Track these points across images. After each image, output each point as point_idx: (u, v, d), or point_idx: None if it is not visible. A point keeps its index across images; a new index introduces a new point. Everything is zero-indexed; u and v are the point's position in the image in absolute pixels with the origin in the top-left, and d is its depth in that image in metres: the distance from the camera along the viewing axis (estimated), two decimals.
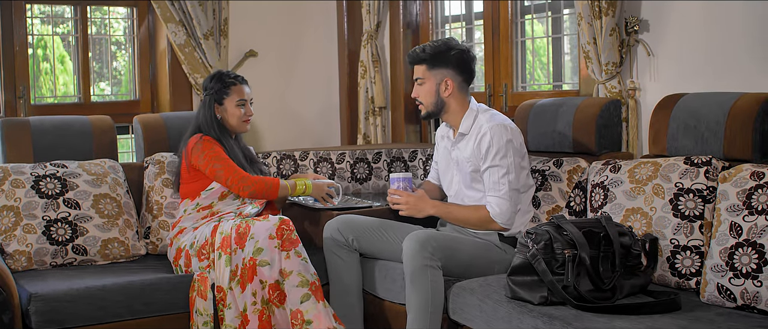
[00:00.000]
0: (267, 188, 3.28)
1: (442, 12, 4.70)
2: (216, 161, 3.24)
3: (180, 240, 3.23)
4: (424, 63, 3.11)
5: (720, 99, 2.84)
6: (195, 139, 3.30)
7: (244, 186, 3.24)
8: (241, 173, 3.26)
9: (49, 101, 4.33)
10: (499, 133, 3.00)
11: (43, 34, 4.35)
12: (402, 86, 4.69)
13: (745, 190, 2.52)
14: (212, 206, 3.30)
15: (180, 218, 3.30)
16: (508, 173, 2.99)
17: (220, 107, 3.37)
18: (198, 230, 3.21)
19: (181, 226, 3.27)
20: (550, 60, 4.12)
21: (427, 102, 3.12)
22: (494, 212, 3.00)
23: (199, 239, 3.15)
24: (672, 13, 3.32)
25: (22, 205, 3.15)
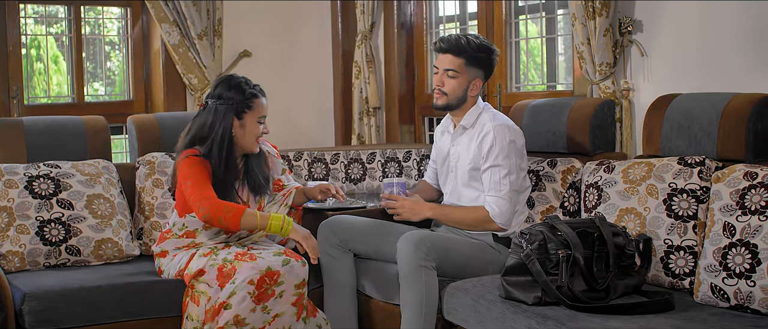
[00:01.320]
0: (224, 214, 2.84)
1: (436, 12, 4.70)
2: (186, 179, 2.92)
3: (160, 261, 3.09)
4: (464, 57, 3.06)
5: (713, 99, 2.85)
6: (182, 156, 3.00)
7: (200, 206, 2.85)
8: (206, 193, 2.88)
9: (42, 101, 4.32)
10: (502, 133, 3.00)
11: (36, 34, 4.34)
12: (396, 86, 4.69)
13: (739, 190, 2.52)
14: (195, 234, 3.04)
15: (166, 232, 3.09)
16: (510, 174, 2.99)
17: (238, 121, 3.02)
18: (176, 257, 3.03)
19: (163, 247, 3.07)
20: (544, 60, 4.13)
21: (452, 95, 3.08)
22: (493, 213, 3.00)
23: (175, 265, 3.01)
24: (666, 14, 3.32)
25: (15, 205, 3.14)
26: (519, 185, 3.04)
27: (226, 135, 2.99)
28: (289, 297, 2.86)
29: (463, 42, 3.06)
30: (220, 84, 3.05)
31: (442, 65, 3.10)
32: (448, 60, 3.08)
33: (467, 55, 3.06)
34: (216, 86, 3.05)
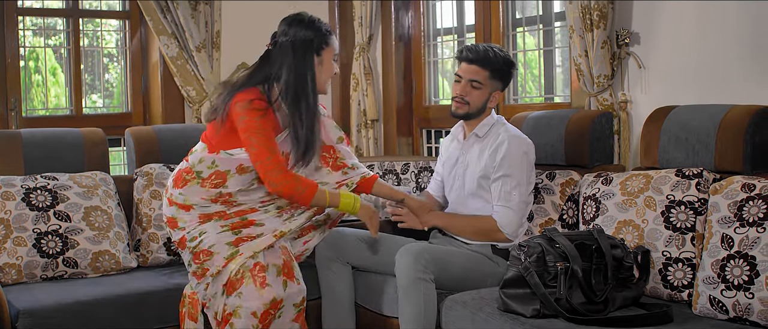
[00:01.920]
0: (297, 192, 2.75)
1: (434, 25, 4.71)
2: (252, 133, 2.72)
3: (180, 217, 2.84)
4: (490, 69, 3.07)
5: (711, 111, 2.85)
6: (249, 95, 2.75)
7: (272, 179, 2.71)
8: (278, 160, 2.72)
9: (40, 113, 4.31)
10: (516, 144, 3.03)
11: (34, 46, 4.34)
12: (394, 98, 4.70)
13: (737, 202, 2.52)
14: (226, 177, 2.81)
15: (186, 171, 2.84)
16: (520, 185, 3.00)
17: (317, 58, 2.83)
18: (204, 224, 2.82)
19: (185, 196, 2.82)
20: (542, 73, 4.14)
21: (473, 106, 3.09)
22: (502, 223, 3.00)
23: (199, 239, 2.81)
24: (663, 26, 3.33)
25: (13, 217, 3.13)
26: (527, 197, 3.04)
27: (309, 76, 2.79)
28: (290, 315, 2.84)
29: (491, 55, 3.07)
30: (291, 22, 2.84)
31: (466, 75, 3.10)
32: (474, 71, 3.08)
33: (492, 68, 3.08)
34: (288, 24, 2.84)
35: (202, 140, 2.90)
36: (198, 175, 2.84)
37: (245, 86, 2.79)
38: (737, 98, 2.98)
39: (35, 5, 4.31)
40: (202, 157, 2.83)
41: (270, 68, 2.81)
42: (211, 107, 2.93)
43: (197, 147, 2.91)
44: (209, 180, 2.83)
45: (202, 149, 2.86)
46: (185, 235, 2.86)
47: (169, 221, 2.92)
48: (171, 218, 2.91)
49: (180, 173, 2.88)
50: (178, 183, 2.88)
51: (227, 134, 2.79)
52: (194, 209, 2.86)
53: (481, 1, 4.26)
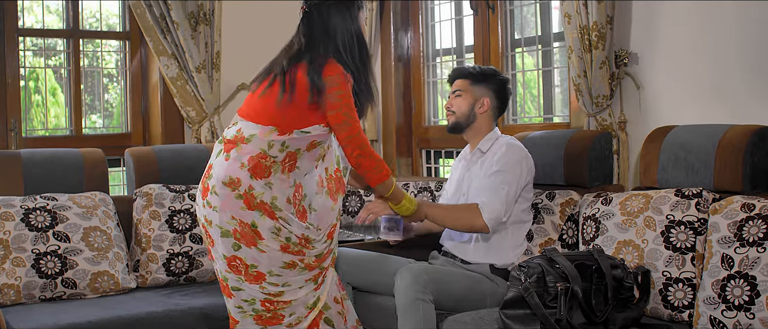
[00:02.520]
0: (373, 170, 2.66)
1: (433, 45, 4.73)
2: (348, 109, 2.58)
3: (245, 176, 2.56)
4: (468, 78, 3.22)
5: (709, 131, 2.86)
6: (338, 68, 2.59)
7: (360, 152, 2.60)
8: (364, 136, 2.63)
9: (40, 133, 4.32)
10: (514, 150, 3.09)
11: (35, 67, 4.35)
12: (394, 119, 4.71)
13: (736, 222, 2.52)
14: (297, 156, 2.62)
15: (262, 157, 2.58)
16: (510, 184, 3.02)
17: (360, 12, 2.70)
18: (287, 270, 2.62)
19: (273, 188, 2.57)
20: (541, 93, 4.15)
21: (459, 112, 3.20)
22: (484, 209, 3.00)
23: (279, 289, 2.62)
24: (661, 47, 3.35)
25: (12, 238, 3.13)
26: (514, 197, 3.05)
27: (361, 36, 2.68)
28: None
29: (467, 66, 3.31)
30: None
31: (451, 90, 3.25)
32: (455, 84, 3.25)
33: (472, 76, 3.22)
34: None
35: (265, 122, 2.60)
36: (275, 160, 2.59)
37: (319, 53, 2.61)
38: (736, 118, 2.99)
39: (36, 26, 4.32)
40: (270, 141, 2.57)
41: (320, 33, 2.65)
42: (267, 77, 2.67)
43: (252, 130, 2.60)
44: (285, 164, 2.60)
45: (269, 131, 2.58)
46: (263, 271, 2.62)
47: (242, 234, 2.58)
48: (248, 226, 2.58)
49: (255, 160, 2.57)
50: (260, 173, 2.57)
51: (303, 112, 2.58)
52: (278, 225, 2.59)
53: (479, 21, 4.28)
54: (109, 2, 4.48)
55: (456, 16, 4.59)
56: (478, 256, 3.11)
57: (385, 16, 4.70)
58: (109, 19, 4.53)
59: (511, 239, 3.11)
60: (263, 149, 2.58)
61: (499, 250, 3.09)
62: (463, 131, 3.23)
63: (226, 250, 2.61)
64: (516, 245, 3.10)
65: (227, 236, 2.59)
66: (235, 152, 2.59)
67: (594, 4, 3.33)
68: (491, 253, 3.09)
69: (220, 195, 2.58)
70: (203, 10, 4.24)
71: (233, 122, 2.71)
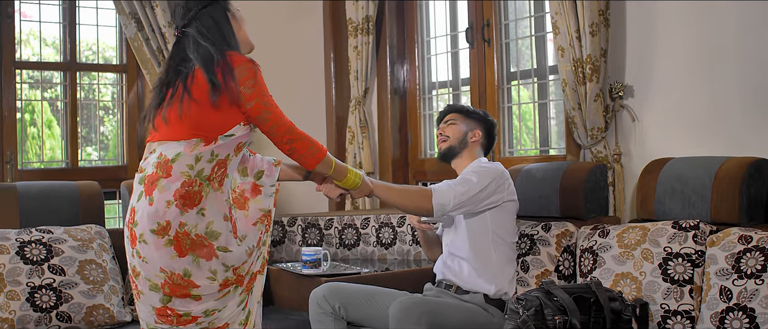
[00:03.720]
0: (309, 151, 2.52)
1: (429, 78, 4.75)
2: (265, 97, 2.45)
3: (174, 215, 2.34)
4: (461, 113, 3.29)
5: (706, 163, 2.87)
6: (242, 56, 2.46)
7: (290, 137, 2.47)
8: (288, 120, 2.50)
9: (35, 165, 4.31)
10: (490, 169, 3.10)
11: (31, 99, 4.36)
12: (390, 151, 4.71)
13: (734, 254, 2.52)
14: (227, 162, 2.45)
15: (190, 186, 2.36)
16: (470, 186, 3.01)
17: (229, 13, 2.57)
18: (224, 296, 2.44)
19: (209, 216, 2.37)
20: (537, 125, 4.16)
21: (453, 137, 3.24)
22: (435, 192, 2.99)
23: (215, 316, 2.42)
24: (655, 80, 3.37)
25: (7, 271, 3.11)
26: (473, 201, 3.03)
27: (233, 34, 2.54)
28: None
29: (459, 105, 3.41)
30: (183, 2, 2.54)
31: (443, 121, 3.31)
32: (448, 116, 3.30)
33: (463, 111, 3.29)
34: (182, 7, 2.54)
35: (181, 136, 2.40)
36: (202, 177, 2.39)
37: (220, 53, 2.43)
38: (731, 150, 3.01)
39: (32, 58, 4.33)
40: (197, 154, 2.38)
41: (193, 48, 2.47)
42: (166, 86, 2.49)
43: (175, 149, 2.39)
44: (216, 177, 2.42)
45: (194, 144, 2.39)
46: (198, 314, 2.42)
47: (172, 287, 2.38)
48: (179, 277, 2.37)
49: (181, 191, 2.35)
50: (191, 202, 2.36)
51: (224, 112, 2.41)
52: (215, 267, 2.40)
53: (475, 55, 4.31)
54: (105, 35, 4.49)
55: (452, 49, 4.62)
56: (471, 283, 3.09)
57: (381, 49, 4.73)
58: (105, 52, 4.55)
59: (496, 261, 3.08)
60: (188, 170, 2.36)
61: (487, 271, 3.07)
62: (455, 157, 3.24)
63: (154, 302, 2.41)
64: (502, 266, 3.08)
65: (156, 290, 2.38)
66: (157, 193, 2.35)
67: (588, 38, 3.36)
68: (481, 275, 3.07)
69: (150, 243, 2.34)
70: None
71: (150, 152, 2.47)
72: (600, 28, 3.37)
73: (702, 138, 3.21)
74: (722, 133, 3.15)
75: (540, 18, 4.07)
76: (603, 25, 3.38)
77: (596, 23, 3.36)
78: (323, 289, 3.16)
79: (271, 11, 4.63)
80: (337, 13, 4.85)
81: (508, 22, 4.22)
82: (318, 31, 4.94)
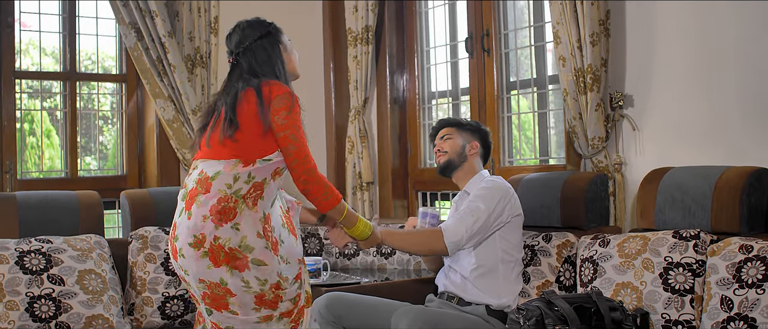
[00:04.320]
0: (323, 196, 2.58)
1: (428, 88, 4.76)
2: (295, 131, 2.53)
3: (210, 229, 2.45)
4: (455, 126, 3.30)
5: (706, 172, 2.87)
6: (284, 88, 2.56)
7: (307, 177, 2.53)
8: (312, 161, 2.56)
9: (34, 175, 4.31)
10: (495, 185, 3.11)
11: (30, 109, 4.36)
12: (389, 161, 4.71)
13: (735, 263, 2.52)
14: (263, 185, 2.53)
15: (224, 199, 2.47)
16: (480, 214, 3.02)
17: (282, 45, 2.71)
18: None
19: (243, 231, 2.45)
20: (537, 135, 4.16)
21: (451, 152, 3.24)
22: (447, 232, 3.00)
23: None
24: (655, 89, 3.37)
25: (6, 281, 3.10)
26: (485, 228, 3.04)
27: (283, 62, 2.68)
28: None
29: (453, 118, 3.45)
30: (241, 28, 2.69)
31: (438, 138, 3.30)
32: (443, 131, 3.30)
33: (458, 124, 3.30)
34: (241, 33, 2.68)
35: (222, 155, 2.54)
36: (238, 195, 2.49)
37: (259, 81, 2.57)
38: (731, 160, 3.01)
39: (32, 68, 4.34)
40: (235, 174, 2.49)
41: (252, 68, 2.63)
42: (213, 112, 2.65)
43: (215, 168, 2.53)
44: (250, 197, 2.50)
45: (233, 165, 2.51)
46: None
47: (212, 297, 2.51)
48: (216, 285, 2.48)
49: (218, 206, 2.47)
50: (226, 217, 2.46)
51: (262, 138, 2.53)
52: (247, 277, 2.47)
53: (474, 64, 4.31)
54: (105, 44, 4.50)
55: (451, 58, 4.63)
56: (474, 295, 3.09)
57: (381, 59, 4.74)
58: (104, 62, 4.55)
59: (503, 278, 3.09)
60: (226, 188, 2.48)
61: (492, 287, 3.07)
62: (454, 170, 3.25)
63: (206, 313, 2.59)
64: (509, 282, 3.08)
65: (202, 300, 2.55)
66: (195, 208, 2.48)
67: (588, 47, 3.37)
68: (485, 291, 3.07)
69: (187, 256, 2.49)
70: (200, 54, 4.27)
71: (193, 168, 2.61)
72: (600, 38, 3.38)
73: (702, 147, 3.21)
74: (722, 142, 3.15)
75: (539, 28, 4.07)
76: (603, 34, 3.39)
77: (597, 33, 3.36)
78: (324, 299, 3.15)
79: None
80: (337, 22, 4.86)
81: (507, 31, 4.23)
82: (317, 40, 4.95)
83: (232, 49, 2.69)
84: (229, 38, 2.71)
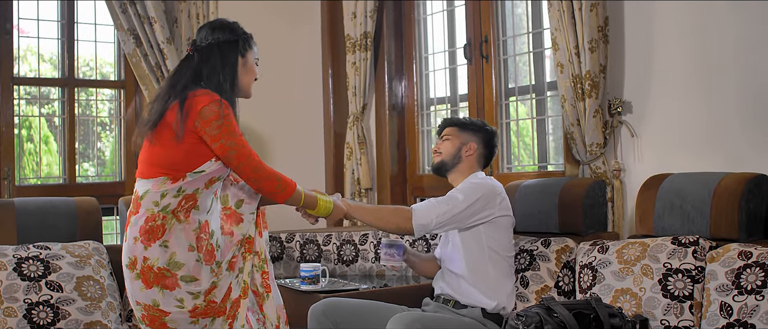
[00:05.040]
0: (278, 189, 2.57)
1: (427, 94, 4.76)
2: (231, 137, 2.46)
3: (140, 250, 2.45)
4: (457, 126, 3.28)
5: (705, 178, 2.87)
6: (208, 97, 2.47)
7: (256, 177, 2.52)
8: (256, 158, 2.53)
9: (31, 181, 4.30)
10: (480, 185, 3.09)
11: (27, 115, 4.35)
12: (388, 167, 4.71)
13: (734, 270, 2.52)
14: (196, 196, 2.49)
15: (153, 221, 2.45)
16: (454, 205, 3.01)
17: (241, 59, 2.63)
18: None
19: (171, 248, 2.44)
20: (535, 141, 4.17)
21: (446, 153, 3.23)
22: (416, 212, 2.99)
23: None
24: (654, 96, 3.38)
25: (4, 288, 3.09)
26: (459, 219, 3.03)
27: (234, 75, 2.59)
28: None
29: (457, 117, 3.46)
30: (214, 27, 2.62)
31: (440, 136, 3.30)
32: (445, 131, 3.29)
33: (459, 124, 3.29)
34: (210, 29, 2.62)
35: (151, 174, 2.49)
36: (167, 211, 2.47)
37: (187, 89, 2.50)
38: (730, 166, 3.01)
39: (30, 74, 4.33)
40: (163, 191, 2.46)
41: (193, 73, 2.56)
42: (146, 123, 2.55)
43: (145, 187, 2.50)
44: (182, 210, 2.48)
45: (161, 183, 2.47)
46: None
47: (150, 319, 2.50)
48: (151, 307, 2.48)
49: (145, 227, 2.45)
50: (154, 236, 2.45)
51: (191, 150, 2.47)
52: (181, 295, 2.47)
53: (473, 71, 4.32)
54: (103, 51, 4.50)
55: (450, 65, 4.63)
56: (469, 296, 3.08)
57: (380, 65, 4.74)
58: (102, 68, 4.55)
59: (494, 274, 3.07)
60: (153, 206, 2.46)
61: (486, 284, 3.06)
62: (448, 171, 3.24)
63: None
64: (502, 278, 3.07)
65: (142, 322, 2.55)
66: (129, 229, 2.49)
67: (587, 54, 3.37)
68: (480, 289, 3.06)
69: (126, 277, 2.52)
70: None
71: (134, 189, 2.59)
72: (599, 45, 3.38)
73: (701, 154, 3.22)
74: (721, 149, 3.15)
75: (538, 34, 4.08)
76: (602, 41, 3.39)
77: (595, 39, 3.37)
78: (322, 305, 3.15)
79: (269, 28, 4.65)
80: (336, 29, 4.86)
81: (506, 38, 4.23)
82: (316, 47, 4.96)
83: (194, 40, 2.64)
84: (200, 30, 2.66)
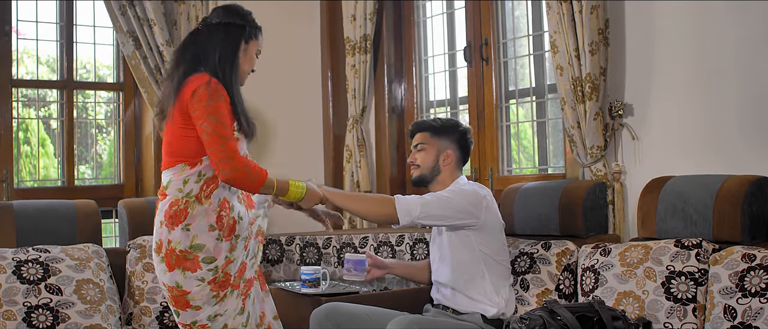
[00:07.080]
0: (249, 180, 2.54)
1: (427, 96, 4.75)
2: (206, 119, 2.50)
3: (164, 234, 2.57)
4: (430, 131, 3.22)
5: (707, 181, 2.87)
6: (203, 79, 2.55)
7: (223, 167, 2.49)
8: (231, 148, 2.51)
9: (28, 184, 4.28)
10: (471, 192, 3.07)
11: (25, 118, 4.34)
12: (387, 169, 4.70)
13: (738, 272, 2.52)
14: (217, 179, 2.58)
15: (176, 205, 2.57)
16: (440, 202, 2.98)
17: (244, 45, 2.71)
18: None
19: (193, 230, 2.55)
20: (535, 144, 4.16)
21: (424, 166, 3.19)
22: (400, 201, 2.95)
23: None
24: (655, 98, 3.37)
25: (3, 291, 3.08)
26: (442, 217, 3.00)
27: (235, 57, 2.67)
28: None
29: (428, 119, 3.34)
30: (226, 9, 2.72)
31: (412, 144, 3.25)
32: (417, 137, 3.25)
33: (432, 128, 3.22)
34: (221, 10, 2.72)
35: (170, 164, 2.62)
36: (191, 196, 2.58)
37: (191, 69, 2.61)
38: (731, 169, 3.01)
39: (27, 76, 4.32)
40: (185, 178, 2.58)
41: (197, 48, 2.66)
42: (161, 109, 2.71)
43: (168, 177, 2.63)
44: (204, 193, 2.60)
45: (180, 170, 2.59)
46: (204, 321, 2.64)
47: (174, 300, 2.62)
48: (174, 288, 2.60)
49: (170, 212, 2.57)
50: (177, 220, 2.56)
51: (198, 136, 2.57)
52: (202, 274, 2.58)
53: (473, 73, 4.31)
54: (102, 53, 4.49)
55: (450, 68, 4.63)
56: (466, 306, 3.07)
57: (379, 68, 4.73)
58: (99, 71, 4.54)
59: (490, 278, 3.06)
60: (178, 192, 2.58)
61: (482, 291, 3.05)
62: (429, 184, 3.21)
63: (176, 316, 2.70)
64: (497, 281, 3.06)
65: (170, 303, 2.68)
66: (157, 216, 2.64)
67: (587, 56, 3.36)
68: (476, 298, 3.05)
69: (154, 263, 2.66)
70: None
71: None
72: (599, 47, 3.37)
73: (702, 156, 3.21)
74: (722, 151, 3.15)
75: (538, 37, 4.08)
76: (602, 43, 3.39)
77: (595, 42, 3.36)
78: (324, 309, 3.13)
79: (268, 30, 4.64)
80: (335, 31, 4.85)
81: (506, 40, 4.23)
82: (315, 49, 4.95)
83: (205, 17, 2.74)
84: (214, 9, 2.77)
